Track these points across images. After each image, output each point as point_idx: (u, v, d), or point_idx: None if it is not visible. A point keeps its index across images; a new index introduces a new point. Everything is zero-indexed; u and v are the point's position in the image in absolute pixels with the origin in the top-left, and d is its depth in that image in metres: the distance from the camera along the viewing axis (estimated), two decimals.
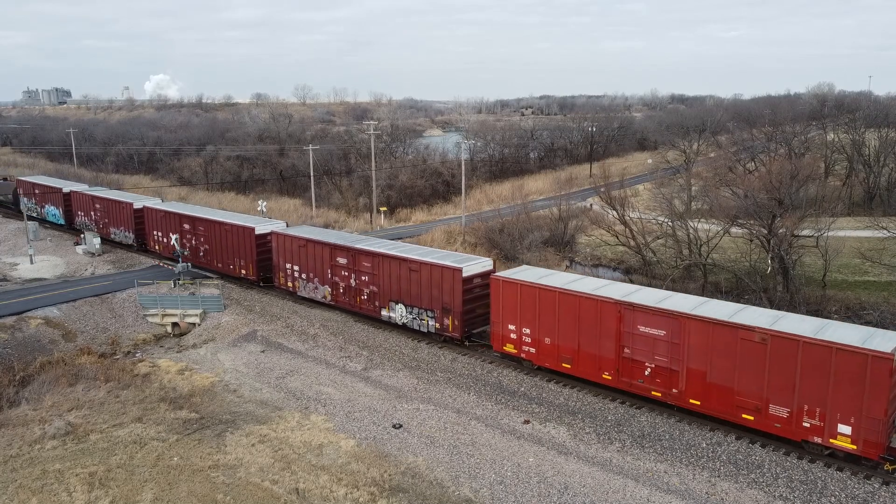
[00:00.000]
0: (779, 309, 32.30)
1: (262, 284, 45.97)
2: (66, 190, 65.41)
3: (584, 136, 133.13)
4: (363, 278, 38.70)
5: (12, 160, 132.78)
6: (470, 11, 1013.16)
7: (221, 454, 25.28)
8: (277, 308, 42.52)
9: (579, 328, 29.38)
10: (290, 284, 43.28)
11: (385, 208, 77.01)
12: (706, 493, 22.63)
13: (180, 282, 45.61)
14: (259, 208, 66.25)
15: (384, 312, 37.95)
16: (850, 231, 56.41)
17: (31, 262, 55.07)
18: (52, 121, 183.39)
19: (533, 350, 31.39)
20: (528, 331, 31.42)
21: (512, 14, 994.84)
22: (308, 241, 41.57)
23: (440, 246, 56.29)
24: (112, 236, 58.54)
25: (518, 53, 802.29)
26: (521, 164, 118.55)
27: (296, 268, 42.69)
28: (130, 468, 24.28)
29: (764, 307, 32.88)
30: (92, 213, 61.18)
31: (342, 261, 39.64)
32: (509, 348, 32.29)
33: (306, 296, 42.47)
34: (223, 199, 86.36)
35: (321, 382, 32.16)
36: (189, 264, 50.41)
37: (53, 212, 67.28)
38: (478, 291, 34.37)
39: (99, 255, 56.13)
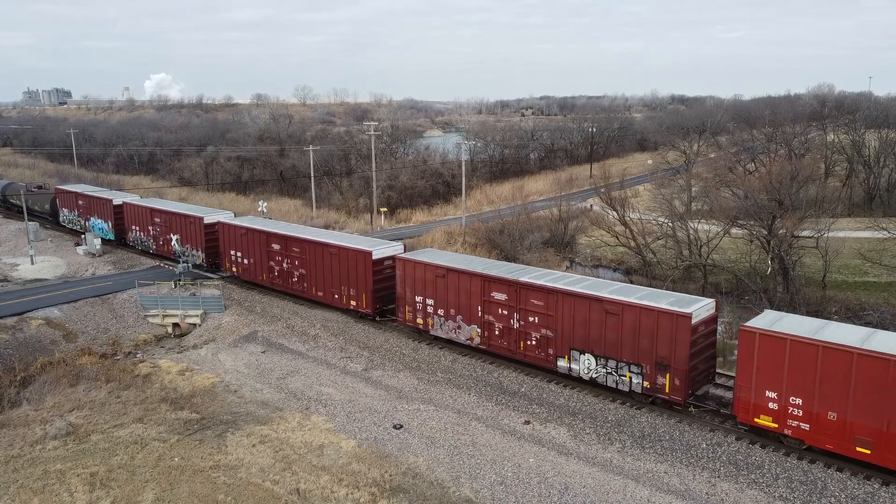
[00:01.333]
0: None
1: (377, 319, 39.15)
2: (116, 201, 57.73)
3: (584, 136, 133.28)
4: (531, 319, 31.42)
5: (13, 161, 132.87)
6: (472, 12, 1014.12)
7: (222, 455, 25.31)
8: (278, 309, 42.55)
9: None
10: (419, 321, 36.02)
11: (385, 209, 77.07)
12: (706, 493, 22.67)
13: (181, 282, 45.64)
14: (259, 209, 66.26)
15: (561, 363, 30.72)
16: (850, 232, 56.46)
17: (32, 263, 55.10)
18: (53, 121, 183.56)
19: (806, 427, 23.96)
20: (799, 401, 23.93)
21: (514, 15, 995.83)
22: (450, 270, 34.19)
23: (440, 247, 56.34)
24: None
25: (519, 54, 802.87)
26: (521, 164, 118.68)
27: (429, 301, 35.29)
28: (131, 468, 24.31)
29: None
30: (150, 227, 53.97)
31: (500, 296, 32.39)
32: (765, 420, 24.85)
33: (443, 336, 35.31)
34: (223, 200, 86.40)
35: (322, 383, 32.20)
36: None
37: (100, 225, 59.57)
38: (702, 342, 27.58)
39: (99, 255, 56.15)
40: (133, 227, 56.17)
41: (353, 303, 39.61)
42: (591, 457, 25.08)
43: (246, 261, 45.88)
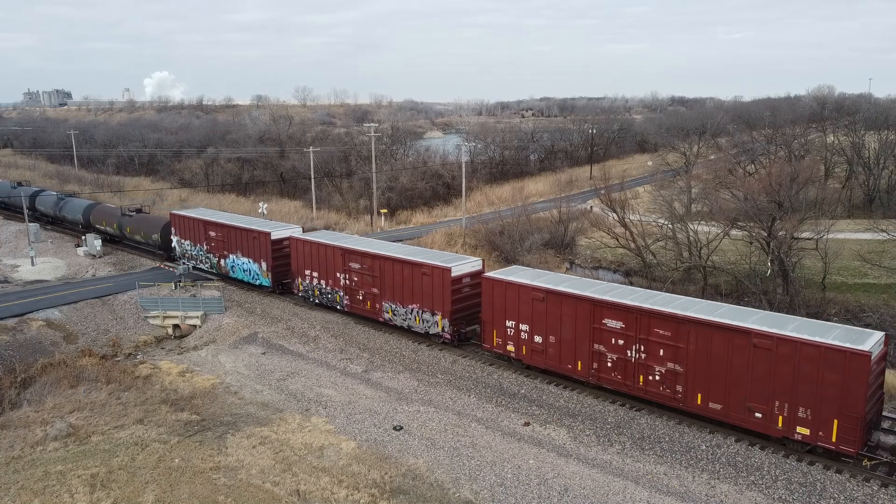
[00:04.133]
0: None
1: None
2: (276, 235, 44.01)
3: (584, 138, 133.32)
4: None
5: (13, 162, 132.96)
6: (474, 14, 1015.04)
7: (222, 456, 25.36)
8: (278, 310, 42.60)
9: None
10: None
11: (386, 210, 77.14)
12: (706, 495, 22.70)
13: (181, 284, 45.68)
14: (260, 210, 66.38)
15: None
16: (850, 233, 56.51)
17: (33, 264, 55.17)
18: (53, 122, 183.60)
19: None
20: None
21: (516, 17, 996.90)
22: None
23: (440, 248, 56.38)
24: (408, 322, 36.98)
25: (521, 56, 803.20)
26: (521, 166, 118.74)
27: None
28: (132, 470, 24.36)
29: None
30: (347, 274, 39.47)
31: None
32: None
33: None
34: (224, 201, 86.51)
35: (322, 384, 32.24)
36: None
37: (247, 266, 46.17)
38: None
39: (99, 256, 56.22)
40: (309, 271, 42.07)
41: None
42: (590, 458, 25.12)
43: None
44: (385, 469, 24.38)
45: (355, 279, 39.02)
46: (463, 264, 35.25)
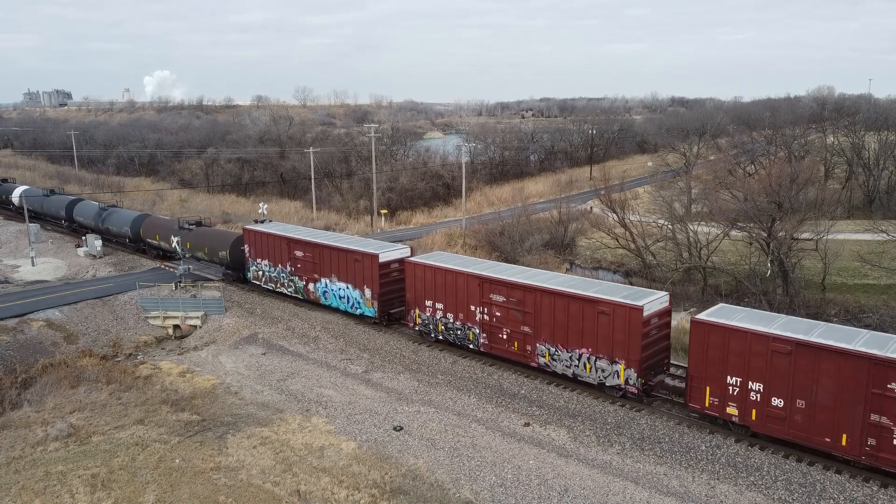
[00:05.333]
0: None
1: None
2: (385, 257, 38.25)
3: (584, 138, 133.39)
4: None
5: (13, 162, 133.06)
6: (476, 15, 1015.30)
7: (223, 456, 25.39)
8: (279, 311, 42.63)
9: None
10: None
11: (386, 211, 77.20)
12: (706, 495, 22.74)
13: (181, 284, 45.71)
14: (260, 210, 66.42)
15: None
16: (850, 234, 56.54)
17: (33, 265, 55.21)
18: (53, 123, 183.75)
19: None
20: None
21: (517, 17, 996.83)
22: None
23: (440, 248, 56.42)
24: (573, 369, 30.50)
25: (521, 56, 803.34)
26: (521, 166, 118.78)
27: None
28: (132, 470, 24.39)
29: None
30: (486, 308, 33.19)
31: None
32: None
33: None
34: (224, 202, 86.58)
35: (322, 385, 32.28)
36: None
37: (344, 292, 40.12)
38: None
39: (100, 257, 56.25)
40: (431, 302, 35.61)
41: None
42: (590, 459, 25.15)
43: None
44: (385, 469, 24.41)
45: (497, 314, 32.57)
46: (652, 300, 28.69)
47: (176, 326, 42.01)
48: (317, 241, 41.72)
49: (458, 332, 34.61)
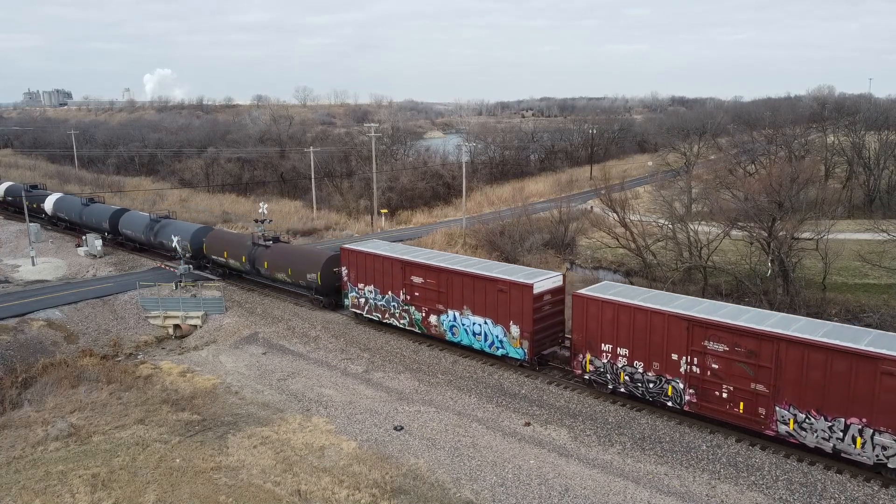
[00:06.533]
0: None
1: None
2: (541, 287, 31.85)
3: (584, 138, 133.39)
4: None
5: (13, 162, 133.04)
6: (477, 15, 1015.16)
7: (223, 456, 25.38)
8: (279, 310, 42.61)
9: None
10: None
11: (386, 210, 77.22)
12: (706, 495, 22.72)
13: (182, 284, 45.68)
14: (260, 210, 66.33)
15: None
16: (850, 234, 56.51)
17: (33, 264, 55.20)
18: (53, 122, 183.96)
19: None
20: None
21: (518, 17, 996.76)
22: None
23: (440, 248, 56.40)
24: (833, 442, 23.71)
25: (521, 57, 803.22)
26: (521, 166, 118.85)
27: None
28: (133, 470, 24.38)
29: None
30: (697, 358, 26.72)
31: None
32: None
33: None
34: (224, 201, 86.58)
35: (322, 384, 32.26)
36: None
37: (481, 328, 33.65)
38: None
39: (100, 256, 56.23)
40: (609, 346, 29.13)
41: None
42: (591, 458, 25.14)
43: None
44: (386, 469, 24.40)
45: (715, 366, 26.10)
46: None
47: (176, 326, 41.99)
48: (444, 266, 34.83)
49: (651, 386, 27.93)
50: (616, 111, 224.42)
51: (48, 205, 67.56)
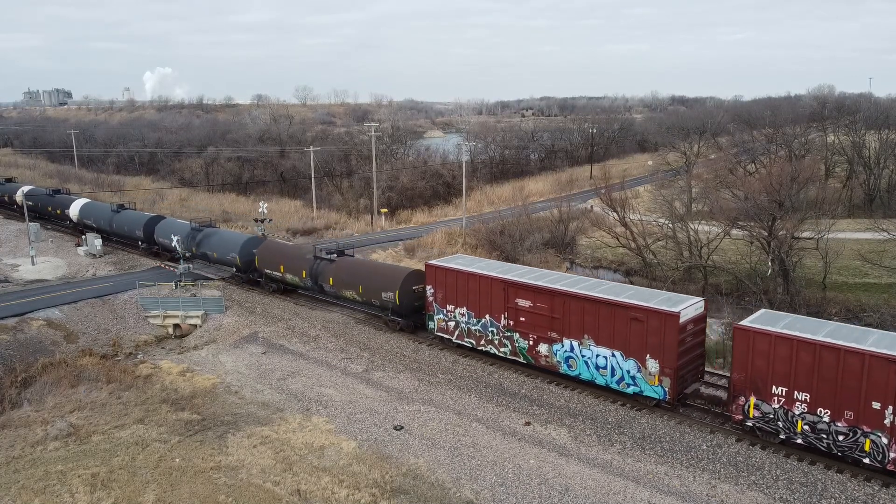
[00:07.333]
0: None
1: None
2: (687, 316, 27.57)
3: (584, 137, 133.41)
4: None
5: (13, 161, 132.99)
6: (477, 15, 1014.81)
7: (223, 455, 25.35)
8: (279, 310, 42.58)
9: None
10: None
11: (386, 210, 77.19)
12: (707, 494, 22.69)
13: (181, 283, 45.63)
14: (260, 209, 66.36)
15: None
16: (851, 233, 56.51)
17: (33, 264, 55.16)
18: (53, 122, 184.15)
19: None
20: None
21: (519, 17, 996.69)
22: None
23: (441, 248, 56.40)
24: None
25: (522, 56, 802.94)
26: (521, 165, 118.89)
27: None
28: (132, 469, 24.35)
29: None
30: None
31: None
32: None
33: None
34: (224, 201, 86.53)
35: (322, 384, 32.23)
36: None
37: (607, 361, 29.19)
38: None
39: (100, 256, 56.19)
40: (783, 388, 24.57)
41: None
42: (591, 458, 25.11)
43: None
44: (386, 469, 24.37)
45: None
46: None
47: (176, 326, 41.96)
48: (560, 289, 30.47)
49: (841, 438, 23.45)
50: (616, 111, 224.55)
51: (73, 211, 63.34)
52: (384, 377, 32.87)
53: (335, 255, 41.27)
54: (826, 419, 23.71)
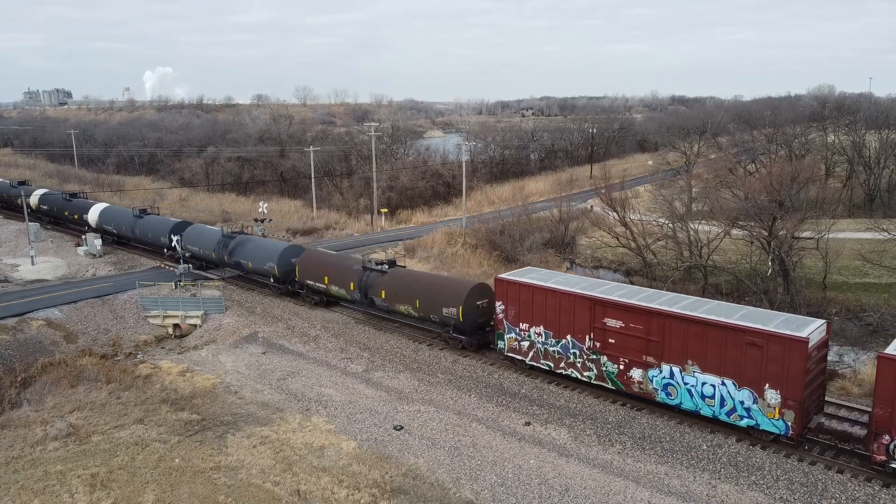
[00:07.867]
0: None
1: None
2: (814, 341, 24.68)
3: (584, 137, 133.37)
4: None
5: (13, 161, 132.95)
6: (477, 15, 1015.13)
7: (223, 456, 25.33)
8: (279, 310, 42.55)
9: None
10: None
11: (386, 210, 77.15)
12: (707, 495, 22.67)
13: (181, 283, 45.61)
14: (260, 209, 66.32)
15: None
16: (851, 233, 56.47)
17: (33, 264, 55.13)
18: (53, 122, 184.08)
19: None
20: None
21: (519, 17, 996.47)
22: None
23: (441, 248, 56.35)
24: None
25: (522, 56, 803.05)
26: (521, 165, 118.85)
27: None
28: (132, 469, 24.33)
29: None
30: None
31: None
32: None
33: None
34: (224, 201, 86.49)
35: (322, 384, 32.21)
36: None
37: (715, 390, 25.98)
38: None
39: (100, 256, 56.16)
40: None
41: None
42: (591, 458, 25.09)
43: None
44: (385, 469, 24.35)
45: None
46: None
47: (176, 326, 41.93)
48: (658, 308, 27.36)
49: None
50: (616, 110, 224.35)
51: (92, 216, 60.98)
52: (384, 377, 32.85)
53: (386, 266, 38.74)
54: None
